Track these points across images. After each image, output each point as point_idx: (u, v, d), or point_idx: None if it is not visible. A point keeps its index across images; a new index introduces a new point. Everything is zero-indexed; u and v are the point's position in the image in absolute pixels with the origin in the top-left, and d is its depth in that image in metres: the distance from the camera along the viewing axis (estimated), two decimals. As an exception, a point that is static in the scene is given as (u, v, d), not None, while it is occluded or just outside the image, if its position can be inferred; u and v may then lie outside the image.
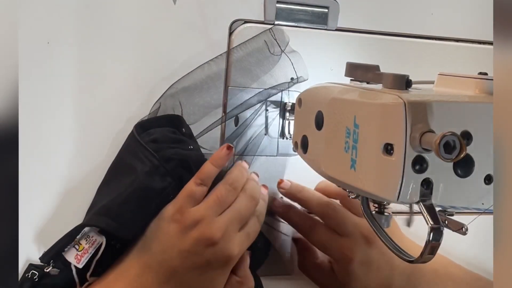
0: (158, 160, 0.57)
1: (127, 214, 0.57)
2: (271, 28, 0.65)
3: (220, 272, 0.57)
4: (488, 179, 0.47)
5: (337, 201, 0.67)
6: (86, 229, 0.58)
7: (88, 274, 0.58)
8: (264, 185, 0.64)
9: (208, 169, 0.58)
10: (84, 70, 0.62)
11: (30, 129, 0.61)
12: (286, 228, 0.70)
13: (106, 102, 0.63)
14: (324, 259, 0.69)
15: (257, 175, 0.65)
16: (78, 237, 0.58)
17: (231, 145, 0.59)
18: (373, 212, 0.56)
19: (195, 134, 0.64)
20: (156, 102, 0.63)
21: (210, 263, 0.56)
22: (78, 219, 0.61)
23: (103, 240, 0.58)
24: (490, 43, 0.74)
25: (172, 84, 0.63)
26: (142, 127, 0.61)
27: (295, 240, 0.71)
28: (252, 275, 0.62)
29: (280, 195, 0.69)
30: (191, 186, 0.57)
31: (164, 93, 0.63)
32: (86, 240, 0.57)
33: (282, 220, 0.70)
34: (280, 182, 0.68)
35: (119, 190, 0.58)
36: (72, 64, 0.61)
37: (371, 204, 0.56)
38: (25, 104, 0.60)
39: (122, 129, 0.63)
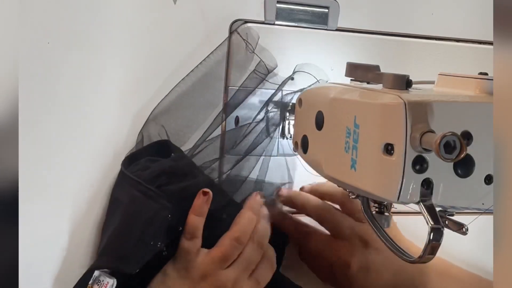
0: (145, 186, 0.57)
1: (124, 247, 0.56)
2: (236, 30, 0.64)
3: None
4: (488, 179, 0.47)
5: (335, 205, 0.67)
6: (96, 273, 0.58)
7: None
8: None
9: (193, 222, 0.57)
10: (84, 70, 0.62)
11: (30, 129, 0.61)
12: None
13: (106, 102, 0.63)
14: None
15: (263, 196, 0.62)
16: (90, 282, 0.57)
17: (206, 190, 0.57)
18: (373, 212, 0.56)
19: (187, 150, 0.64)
20: (139, 133, 0.63)
21: None
22: (78, 222, 0.61)
23: (114, 281, 0.57)
24: (490, 43, 0.74)
25: (152, 111, 0.63)
26: (130, 160, 0.61)
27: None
28: (277, 274, 0.62)
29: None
30: (184, 244, 0.57)
31: (145, 123, 0.63)
32: (98, 285, 0.57)
33: None
34: (278, 191, 0.68)
35: (113, 225, 0.58)
36: (72, 64, 0.61)
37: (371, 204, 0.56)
38: (25, 104, 0.60)
39: (122, 127, 0.63)
